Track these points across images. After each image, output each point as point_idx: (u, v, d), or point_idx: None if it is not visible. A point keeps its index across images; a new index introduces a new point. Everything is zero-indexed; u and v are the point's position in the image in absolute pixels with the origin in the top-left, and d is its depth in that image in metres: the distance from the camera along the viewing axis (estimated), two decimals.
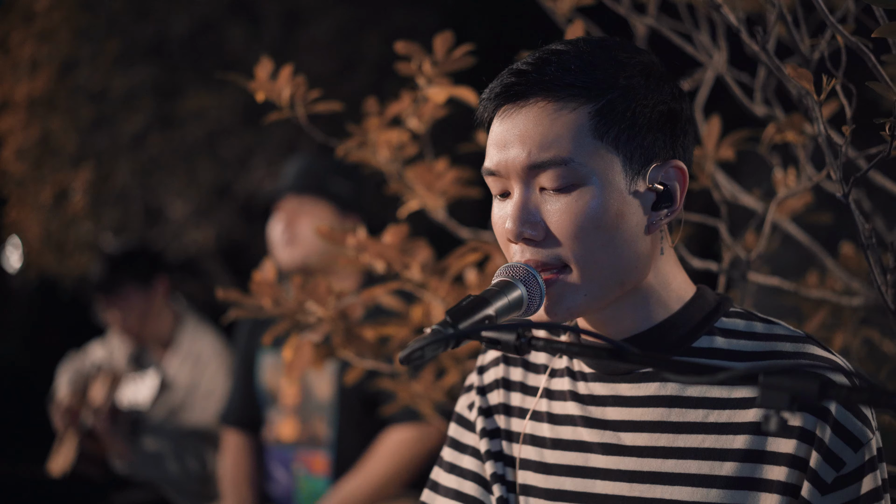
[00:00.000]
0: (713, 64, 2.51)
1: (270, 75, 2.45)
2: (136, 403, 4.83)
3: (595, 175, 1.58)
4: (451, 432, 1.96)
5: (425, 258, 2.50)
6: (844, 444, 1.55)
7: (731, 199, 2.54)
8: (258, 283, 2.59)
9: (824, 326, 2.62)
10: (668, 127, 1.63)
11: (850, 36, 1.80)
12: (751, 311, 1.72)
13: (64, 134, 6.03)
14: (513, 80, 1.62)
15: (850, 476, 1.55)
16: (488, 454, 1.86)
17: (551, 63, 1.60)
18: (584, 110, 1.58)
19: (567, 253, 1.60)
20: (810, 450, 1.55)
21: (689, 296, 1.71)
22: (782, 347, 1.63)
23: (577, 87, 1.58)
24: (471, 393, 1.94)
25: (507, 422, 1.87)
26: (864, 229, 1.90)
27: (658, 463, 1.66)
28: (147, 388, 4.85)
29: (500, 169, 1.63)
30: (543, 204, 1.61)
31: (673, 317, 1.68)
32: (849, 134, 1.84)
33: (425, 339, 1.44)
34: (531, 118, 1.60)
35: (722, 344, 1.67)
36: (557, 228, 1.59)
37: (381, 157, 2.56)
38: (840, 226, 2.56)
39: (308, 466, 3.82)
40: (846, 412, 1.55)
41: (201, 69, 5.97)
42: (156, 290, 4.86)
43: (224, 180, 6.32)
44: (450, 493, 1.90)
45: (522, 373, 1.87)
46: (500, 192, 1.67)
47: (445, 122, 2.62)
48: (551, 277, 1.61)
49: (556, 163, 1.58)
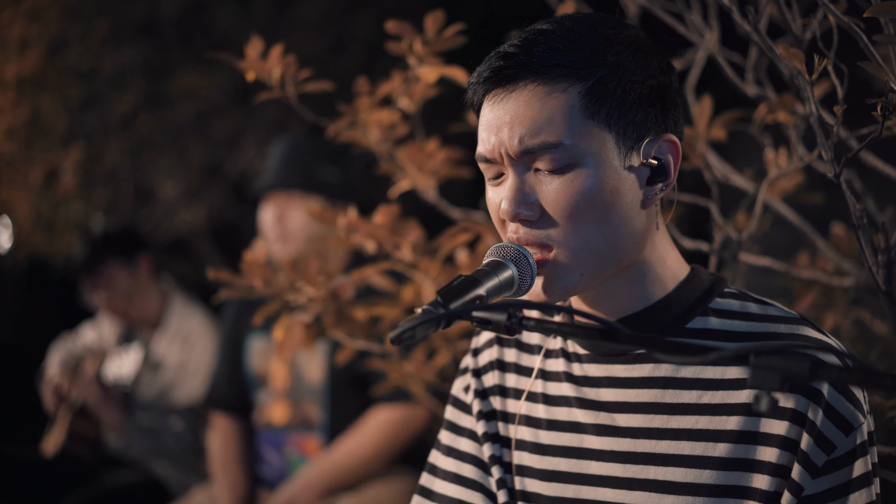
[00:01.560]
0: (705, 44, 2.50)
1: (261, 55, 2.44)
2: (120, 377, 4.82)
3: (589, 155, 1.58)
4: (447, 415, 1.96)
5: (416, 238, 2.50)
6: (836, 427, 1.55)
7: (723, 180, 2.54)
8: (249, 263, 2.59)
9: (815, 307, 2.63)
10: (659, 101, 1.63)
11: (842, 16, 1.80)
12: (745, 291, 1.73)
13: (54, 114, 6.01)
14: (501, 64, 1.61)
15: (840, 460, 1.55)
16: (485, 436, 1.86)
17: (538, 44, 1.60)
18: (574, 90, 1.58)
19: (562, 233, 1.60)
20: (801, 432, 1.55)
21: (684, 275, 1.71)
22: (776, 329, 1.63)
23: (566, 67, 1.58)
24: (466, 375, 1.94)
25: (503, 403, 1.87)
26: (855, 210, 1.90)
27: (652, 444, 1.67)
28: (131, 362, 4.84)
29: (494, 154, 1.63)
30: (539, 185, 1.61)
31: (667, 297, 1.69)
32: (840, 114, 1.84)
33: (416, 319, 1.44)
34: (521, 102, 1.59)
35: (716, 325, 1.67)
36: (553, 209, 1.59)
37: (372, 137, 2.55)
38: (831, 206, 2.56)
39: (301, 449, 3.82)
40: (839, 395, 1.55)
41: (191, 49, 5.95)
42: (139, 268, 4.85)
43: (215, 160, 6.31)
44: (448, 476, 1.90)
45: (517, 353, 1.88)
46: (494, 177, 1.67)
47: (436, 101, 2.61)
48: (544, 258, 1.61)
49: (549, 146, 1.57)
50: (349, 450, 3.64)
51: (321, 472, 3.64)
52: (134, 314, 4.89)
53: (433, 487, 1.92)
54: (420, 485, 1.95)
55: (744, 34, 2.11)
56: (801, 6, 2.18)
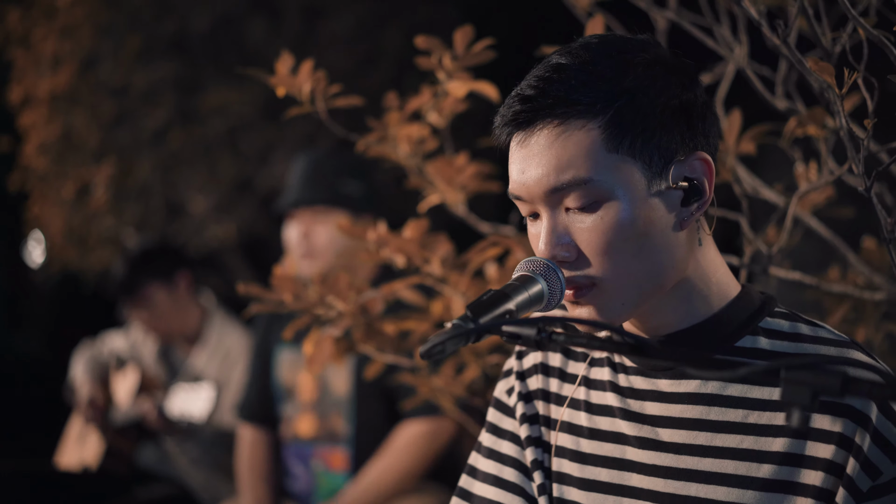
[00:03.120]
0: (734, 57, 2.50)
1: (291, 70, 2.46)
2: (189, 414, 4.83)
3: (617, 188, 1.57)
4: (489, 417, 1.96)
5: (445, 253, 2.51)
6: (883, 453, 1.53)
7: (753, 193, 2.53)
8: (279, 277, 2.60)
9: (846, 321, 2.61)
10: (684, 120, 1.61)
11: (872, 29, 1.79)
12: (795, 312, 1.71)
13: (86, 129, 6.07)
14: (519, 108, 1.61)
15: (886, 486, 1.54)
16: (529, 440, 1.86)
17: (553, 82, 1.59)
18: (594, 126, 1.57)
19: (599, 269, 1.60)
20: (848, 456, 1.54)
21: (734, 293, 1.70)
22: (826, 351, 1.62)
23: (584, 104, 1.57)
24: (510, 378, 1.94)
25: (546, 408, 1.87)
26: (886, 223, 1.89)
27: (695, 461, 1.66)
28: (202, 401, 4.84)
29: (523, 194, 1.64)
30: (572, 224, 1.61)
31: (717, 314, 1.68)
32: (870, 127, 1.83)
33: (446, 333, 1.44)
34: (542, 143, 1.59)
35: (765, 345, 1.66)
36: (588, 246, 1.59)
37: (402, 151, 2.56)
38: (862, 220, 2.54)
39: (327, 462, 3.82)
40: (887, 422, 1.54)
41: (222, 64, 5.99)
42: (178, 285, 4.87)
43: (245, 175, 6.34)
44: (489, 479, 1.90)
45: (562, 359, 1.87)
46: (529, 214, 1.68)
47: (465, 116, 2.62)
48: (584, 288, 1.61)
49: (575, 184, 1.57)
50: (384, 468, 3.64)
51: (361, 493, 3.64)
52: (173, 331, 4.91)
53: (472, 489, 1.92)
54: (459, 486, 1.94)
55: (773, 48, 2.11)
56: (831, 19, 2.17)
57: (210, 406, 4.78)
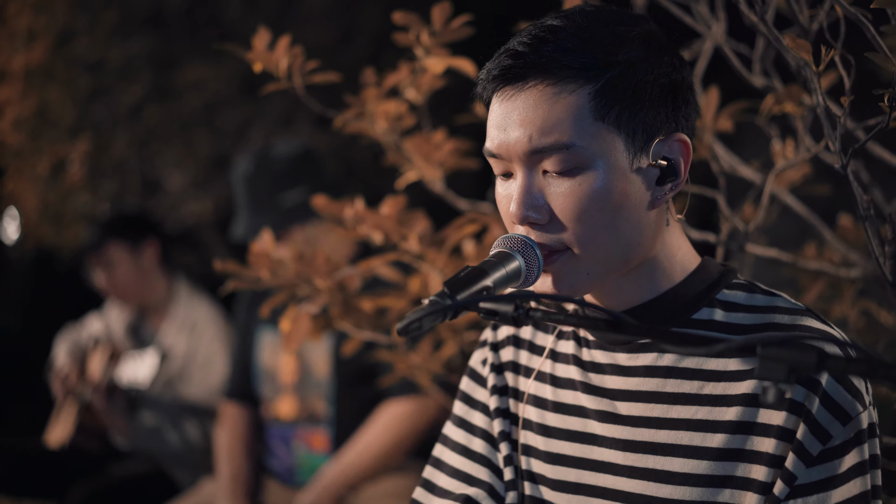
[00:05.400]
0: (712, 35, 2.50)
1: (268, 46, 2.44)
2: (135, 381, 4.84)
3: (598, 157, 1.57)
4: (462, 386, 1.97)
5: (423, 229, 2.50)
6: (832, 417, 1.54)
7: (730, 171, 2.53)
8: (256, 254, 2.59)
9: (822, 298, 2.63)
10: (670, 99, 1.62)
11: (849, 6, 1.79)
12: (754, 283, 1.72)
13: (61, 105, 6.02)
14: (510, 63, 1.60)
15: (835, 450, 1.55)
16: (497, 411, 1.87)
17: (548, 42, 1.58)
18: (584, 92, 1.57)
19: (570, 236, 1.60)
20: (798, 421, 1.55)
21: (693, 267, 1.71)
22: (779, 319, 1.63)
23: (576, 67, 1.57)
24: (485, 348, 1.95)
25: (515, 379, 1.88)
26: (862, 201, 1.90)
27: (651, 433, 1.67)
28: (147, 367, 4.85)
29: (502, 152, 1.63)
30: (547, 187, 1.60)
31: (674, 288, 1.69)
32: (847, 105, 1.84)
33: (423, 310, 1.45)
34: (530, 102, 1.59)
35: (721, 317, 1.67)
36: (562, 212, 1.59)
37: (379, 128, 2.55)
38: (838, 197, 2.56)
39: (308, 444, 3.83)
40: (837, 385, 1.55)
41: (199, 40, 5.95)
42: (143, 252, 4.85)
43: (222, 151, 6.31)
44: (457, 448, 1.91)
45: (531, 331, 1.88)
46: (503, 173, 1.67)
47: (443, 92, 2.61)
48: (554, 255, 1.61)
49: (558, 147, 1.57)
50: (365, 446, 3.65)
51: (341, 471, 3.65)
52: (137, 299, 4.89)
53: (442, 457, 1.93)
54: (432, 455, 1.96)
55: (751, 25, 2.11)
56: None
57: (154, 371, 4.78)
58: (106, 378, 4.62)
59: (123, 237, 4.84)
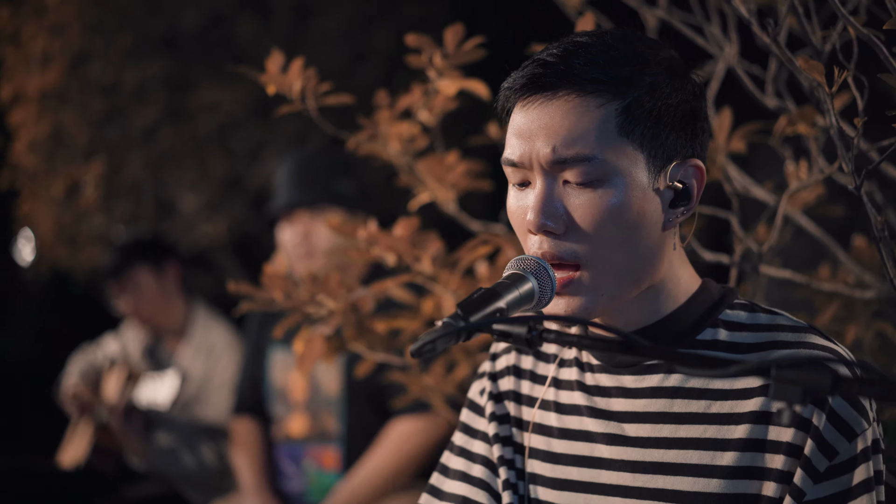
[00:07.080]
0: (724, 56, 2.50)
1: (281, 68, 2.45)
2: (155, 403, 4.84)
3: (619, 173, 1.58)
4: (462, 417, 1.97)
5: (436, 251, 2.50)
6: (839, 433, 1.55)
7: (743, 192, 2.53)
8: (269, 275, 2.60)
9: (836, 319, 2.61)
10: (689, 125, 1.64)
11: (862, 28, 1.79)
12: (755, 302, 1.73)
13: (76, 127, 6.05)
14: (540, 72, 1.61)
15: (842, 466, 1.55)
16: (496, 437, 1.87)
17: (579, 56, 1.60)
18: (611, 107, 1.58)
19: (585, 249, 1.60)
20: (806, 437, 1.56)
21: (695, 288, 1.72)
22: (783, 337, 1.64)
23: (605, 82, 1.58)
24: (483, 379, 1.95)
25: (518, 409, 1.88)
26: (876, 222, 1.89)
27: (660, 453, 1.67)
28: (167, 388, 4.85)
29: (524, 160, 1.63)
30: (566, 197, 1.61)
31: (678, 310, 1.69)
32: (860, 126, 1.84)
33: (436, 331, 1.44)
34: (557, 111, 1.59)
35: (725, 336, 1.68)
36: (580, 222, 1.60)
37: (392, 149, 2.56)
38: (852, 218, 2.55)
39: (319, 461, 3.82)
40: (843, 401, 1.55)
41: (212, 62, 5.98)
42: (167, 273, 4.87)
43: (235, 173, 6.34)
44: (458, 475, 1.91)
45: (533, 361, 1.89)
46: (520, 182, 1.67)
47: (456, 114, 2.62)
48: (567, 278, 1.61)
49: (581, 159, 1.58)
50: (374, 465, 3.65)
51: (351, 491, 3.65)
52: (159, 322, 4.90)
53: (442, 487, 1.93)
54: (430, 483, 1.95)
55: (763, 46, 2.11)
56: (821, 18, 2.18)
57: (174, 393, 4.79)
58: (124, 399, 4.63)
59: (147, 260, 4.87)
